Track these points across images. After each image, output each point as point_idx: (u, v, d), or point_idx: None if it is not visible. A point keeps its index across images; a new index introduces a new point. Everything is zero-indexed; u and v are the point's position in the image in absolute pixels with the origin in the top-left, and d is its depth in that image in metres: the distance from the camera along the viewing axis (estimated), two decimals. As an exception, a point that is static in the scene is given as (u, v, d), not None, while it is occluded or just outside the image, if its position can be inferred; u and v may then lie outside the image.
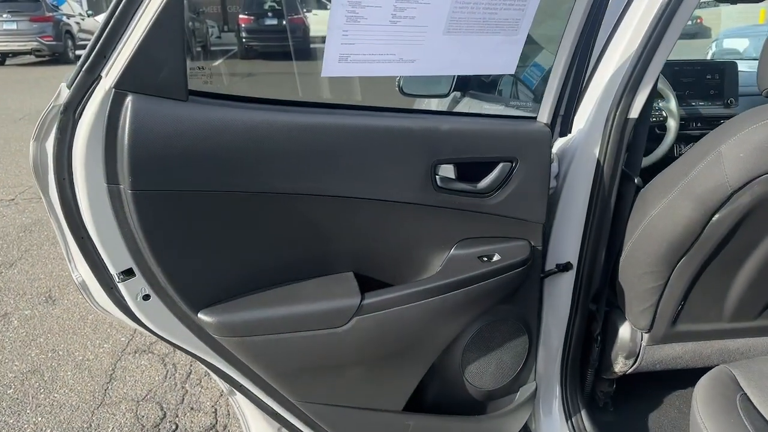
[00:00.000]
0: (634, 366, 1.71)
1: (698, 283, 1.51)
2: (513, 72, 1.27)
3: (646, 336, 1.65)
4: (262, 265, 1.21)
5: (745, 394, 1.27)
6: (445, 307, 1.31)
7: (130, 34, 0.96)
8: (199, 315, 1.16)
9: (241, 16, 15.57)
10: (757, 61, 2.90)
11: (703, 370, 1.69)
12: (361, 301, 1.23)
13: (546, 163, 1.34)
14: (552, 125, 1.36)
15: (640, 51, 1.35)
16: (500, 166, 1.32)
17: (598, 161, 1.46)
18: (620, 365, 1.72)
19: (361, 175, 1.21)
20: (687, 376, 1.91)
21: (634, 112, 1.42)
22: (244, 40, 15.35)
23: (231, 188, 1.10)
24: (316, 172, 1.16)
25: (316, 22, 15.86)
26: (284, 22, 15.14)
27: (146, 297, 1.12)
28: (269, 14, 15.21)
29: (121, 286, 1.11)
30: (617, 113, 1.41)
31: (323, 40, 1.07)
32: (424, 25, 1.14)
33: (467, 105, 2.42)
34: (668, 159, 1.97)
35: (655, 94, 1.49)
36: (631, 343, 1.67)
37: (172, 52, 0.98)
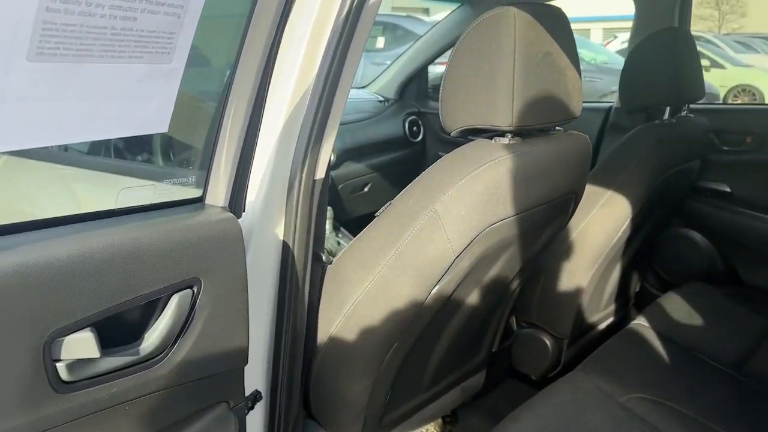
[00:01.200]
0: None
1: (403, 365, 1.25)
2: (167, 130, 0.69)
3: None
4: None
5: None
6: None
7: None
8: None
9: None
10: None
11: None
12: None
13: (241, 272, 0.81)
14: (233, 208, 0.84)
15: (321, 89, 0.97)
16: (175, 300, 0.73)
17: (284, 244, 1.01)
18: None
19: None
20: None
21: (321, 171, 1.03)
22: None
23: None
24: None
25: None
26: None
27: None
28: None
29: None
30: (303, 175, 0.99)
31: None
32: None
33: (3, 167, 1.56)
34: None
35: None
36: None
37: None
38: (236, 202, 0.84)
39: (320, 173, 1.02)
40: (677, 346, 1.48)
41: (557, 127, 1.18)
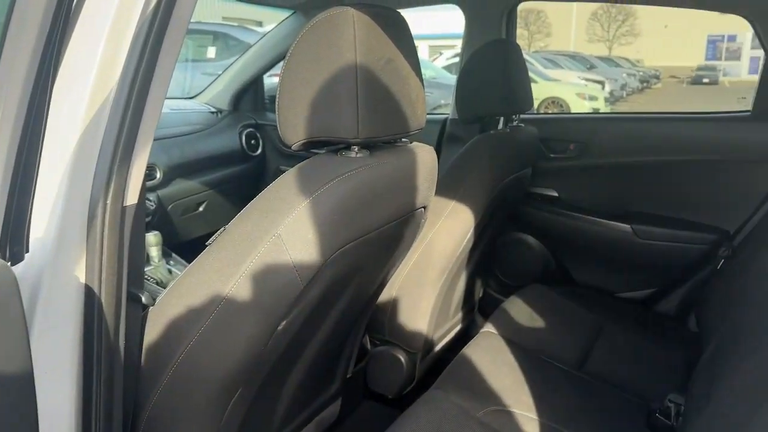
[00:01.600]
0: None
1: (249, 411, 1.10)
2: None
3: None
4: None
5: None
6: None
7: None
8: None
9: None
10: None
11: None
12: None
13: (17, 335, 0.62)
14: (7, 251, 0.64)
15: (126, 96, 0.79)
16: None
17: (88, 288, 0.82)
18: None
19: None
20: None
21: (133, 194, 0.85)
22: None
23: None
24: None
25: None
26: None
27: None
28: None
29: None
30: (108, 201, 0.80)
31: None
32: None
33: None
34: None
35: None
36: None
37: None
38: (11, 241, 0.64)
39: (132, 197, 0.84)
40: (524, 350, 1.50)
41: (403, 139, 1.12)
